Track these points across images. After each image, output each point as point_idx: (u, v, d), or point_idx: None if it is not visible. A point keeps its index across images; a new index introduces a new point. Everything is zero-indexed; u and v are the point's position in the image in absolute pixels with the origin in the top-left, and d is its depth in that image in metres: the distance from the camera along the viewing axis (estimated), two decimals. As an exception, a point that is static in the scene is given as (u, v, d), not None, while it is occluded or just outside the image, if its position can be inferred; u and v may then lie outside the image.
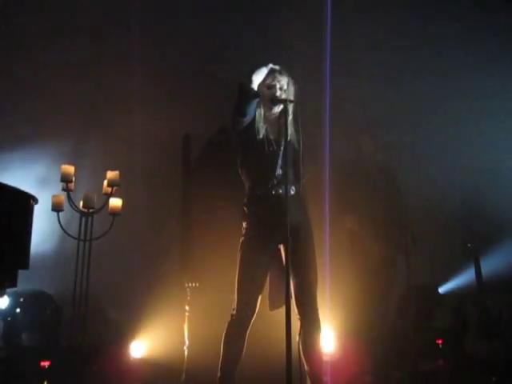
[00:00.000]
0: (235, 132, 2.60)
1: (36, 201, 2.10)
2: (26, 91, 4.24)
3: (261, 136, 2.57)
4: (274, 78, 2.58)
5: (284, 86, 2.61)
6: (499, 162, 4.40)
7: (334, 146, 4.04)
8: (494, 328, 3.63)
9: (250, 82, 2.49)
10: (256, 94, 2.50)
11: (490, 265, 4.02)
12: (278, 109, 2.59)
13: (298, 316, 2.49)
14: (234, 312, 2.51)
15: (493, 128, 4.44)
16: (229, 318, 2.54)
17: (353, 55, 4.48)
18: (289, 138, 2.49)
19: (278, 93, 2.58)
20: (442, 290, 4.32)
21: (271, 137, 2.61)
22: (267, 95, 2.57)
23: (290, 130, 2.57)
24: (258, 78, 2.52)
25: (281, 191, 2.51)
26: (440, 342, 3.94)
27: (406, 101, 4.40)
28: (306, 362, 2.46)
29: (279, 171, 2.55)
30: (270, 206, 2.51)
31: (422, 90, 4.43)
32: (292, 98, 2.57)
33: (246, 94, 2.47)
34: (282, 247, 2.57)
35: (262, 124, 2.59)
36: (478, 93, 4.47)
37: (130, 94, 4.36)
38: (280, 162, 2.55)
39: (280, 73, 2.61)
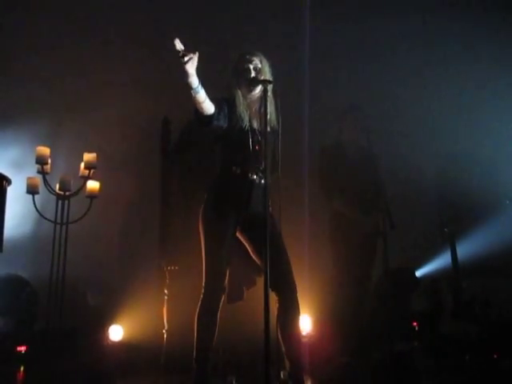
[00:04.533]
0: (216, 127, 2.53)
1: (9, 182, 2.05)
2: (0, 73, 4.13)
3: (244, 124, 2.52)
4: (245, 61, 2.54)
5: (258, 64, 2.56)
6: (475, 148, 4.46)
7: (314, 131, 4.03)
8: (469, 310, 3.71)
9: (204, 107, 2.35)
10: (210, 117, 2.39)
11: (466, 249, 4.10)
12: (257, 90, 2.53)
13: (276, 298, 2.49)
14: (203, 291, 2.49)
15: (469, 115, 4.49)
16: None
17: (332, 38, 4.46)
18: (271, 124, 2.47)
19: (253, 73, 2.53)
20: (418, 273, 4.40)
21: (255, 126, 2.56)
22: (243, 79, 2.52)
23: (272, 112, 2.54)
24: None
25: (255, 177, 2.51)
26: (416, 324, 4.02)
27: (385, 85, 4.41)
28: (284, 344, 2.47)
29: (262, 159, 2.47)
30: (241, 187, 2.50)
31: (404, 74, 4.43)
32: (268, 77, 2.52)
33: (204, 122, 2.41)
34: (240, 236, 2.57)
35: (243, 109, 2.54)
36: (460, 81, 4.50)
37: (109, 76, 4.28)
38: (263, 150, 2.46)
39: (251, 54, 2.57)
